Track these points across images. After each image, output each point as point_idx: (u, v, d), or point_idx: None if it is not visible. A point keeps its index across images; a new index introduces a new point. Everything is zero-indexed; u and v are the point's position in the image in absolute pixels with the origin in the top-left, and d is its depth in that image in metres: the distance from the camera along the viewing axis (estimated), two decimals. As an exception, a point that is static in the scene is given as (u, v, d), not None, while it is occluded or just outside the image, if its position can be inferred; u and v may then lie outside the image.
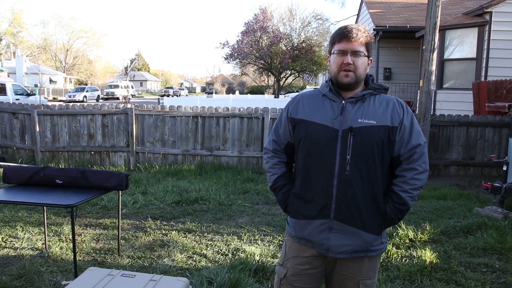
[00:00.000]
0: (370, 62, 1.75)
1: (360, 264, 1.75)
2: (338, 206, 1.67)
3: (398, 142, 1.71)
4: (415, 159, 1.70)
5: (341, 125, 1.67)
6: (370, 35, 1.74)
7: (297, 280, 1.81)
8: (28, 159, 7.73)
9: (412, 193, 1.71)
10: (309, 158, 1.74)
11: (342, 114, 1.69)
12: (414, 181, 1.70)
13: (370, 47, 1.73)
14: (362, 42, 1.69)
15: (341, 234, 1.69)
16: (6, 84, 17.10)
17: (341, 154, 1.66)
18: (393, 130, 1.69)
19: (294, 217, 1.82)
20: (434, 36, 6.84)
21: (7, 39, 46.27)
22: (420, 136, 1.73)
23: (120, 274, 2.20)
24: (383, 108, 1.70)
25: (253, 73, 41.43)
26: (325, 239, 1.71)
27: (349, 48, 1.67)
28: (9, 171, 3.41)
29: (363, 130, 1.65)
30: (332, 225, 1.70)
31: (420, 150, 1.71)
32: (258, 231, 4.40)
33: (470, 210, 5.22)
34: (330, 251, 1.71)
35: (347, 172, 1.65)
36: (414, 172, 1.70)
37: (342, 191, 1.66)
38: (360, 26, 1.73)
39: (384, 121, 1.68)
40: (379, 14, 13.08)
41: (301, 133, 1.76)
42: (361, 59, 1.69)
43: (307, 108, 1.77)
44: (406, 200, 1.70)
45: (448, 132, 7.37)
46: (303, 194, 1.76)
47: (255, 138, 7.49)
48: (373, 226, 1.70)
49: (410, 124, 1.72)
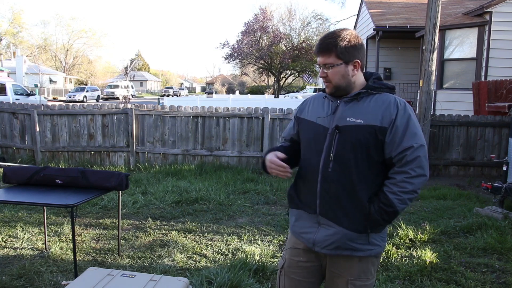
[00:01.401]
0: (357, 65, 1.69)
1: (349, 263, 1.74)
2: (322, 202, 1.73)
3: (389, 144, 1.65)
4: (408, 162, 1.63)
5: (331, 123, 1.72)
6: (348, 39, 1.67)
7: (294, 272, 1.85)
8: (28, 159, 7.73)
9: (401, 196, 1.62)
10: (303, 154, 1.85)
11: (334, 112, 1.73)
12: (404, 184, 1.63)
13: (347, 50, 1.66)
14: (331, 53, 1.66)
15: (326, 230, 1.73)
16: (6, 84, 17.11)
17: (326, 151, 1.71)
18: (382, 130, 1.64)
19: (292, 207, 1.90)
20: (434, 36, 6.84)
21: (7, 39, 46.29)
22: (414, 138, 1.64)
23: (120, 274, 2.20)
24: (377, 108, 1.67)
25: (253, 73, 41.47)
26: (313, 232, 1.76)
27: (321, 62, 1.72)
28: (9, 171, 3.41)
29: (348, 128, 1.67)
30: (320, 220, 1.75)
31: (413, 153, 1.62)
32: (258, 231, 4.40)
33: (470, 210, 5.22)
34: (316, 246, 1.75)
35: (330, 169, 1.69)
36: (405, 175, 1.63)
37: (324, 188, 1.71)
38: (335, 33, 1.69)
39: (373, 121, 1.65)
40: (379, 14, 13.08)
41: (301, 130, 1.88)
42: (333, 70, 1.68)
43: (311, 108, 1.86)
44: (393, 201, 1.63)
45: (448, 132, 7.37)
46: (298, 188, 1.86)
47: (255, 138, 7.49)
48: (355, 225, 1.68)
49: (405, 125, 1.64)
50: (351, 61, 1.69)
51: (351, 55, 1.68)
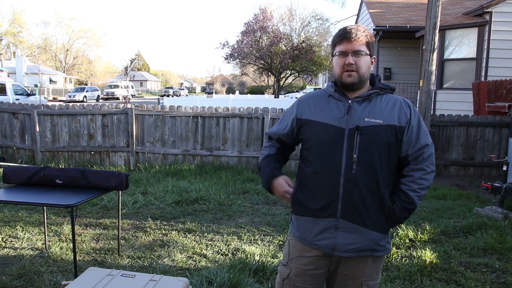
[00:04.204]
0: (373, 61, 1.75)
1: (364, 264, 1.74)
2: (345, 205, 1.67)
3: (406, 142, 1.71)
4: (424, 159, 1.71)
5: (348, 124, 1.68)
6: (371, 34, 1.75)
7: (300, 281, 1.80)
8: (28, 159, 7.73)
9: (420, 192, 1.70)
10: (315, 157, 1.74)
11: (348, 113, 1.70)
12: (422, 181, 1.71)
13: (372, 46, 1.73)
14: (363, 41, 1.69)
15: (348, 233, 1.69)
16: (6, 84, 17.09)
17: (347, 153, 1.66)
18: (401, 130, 1.69)
19: (300, 215, 1.80)
20: (434, 36, 6.85)
21: (8, 39, 46.28)
22: (427, 137, 1.73)
23: (120, 274, 2.20)
24: (390, 108, 1.71)
25: (253, 73, 41.45)
26: (331, 237, 1.71)
27: (350, 49, 1.68)
28: (9, 171, 3.41)
29: (370, 129, 1.66)
30: (339, 224, 1.69)
31: (428, 151, 1.72)
32: (258, 231, 4.40)
33: (470, 210, 5.22)
34: (336, 250, 1.71)
35: (354, 171, 1.65)
36: (422, 172, 1.71)
37: (348, 190, 1.66)
38: (360, 26, 1.74)
39: (391, 121, 1.68)
40: (379, 14, 13.08)
41: (307, 133, 1.77)
42: (363, 59, 1.69)
43: (313, 108, 1.78)
44: (414, 199, 1.70)
45: (448, 132, 7.38)
46: (311, 193, 1.75)
47: (255, 138, 7.49)
48: (380, 225, 1.70)
49: (418, 124, 1.72)
50: (372, 56, 1.74)
51: (372, 51, 1.74)
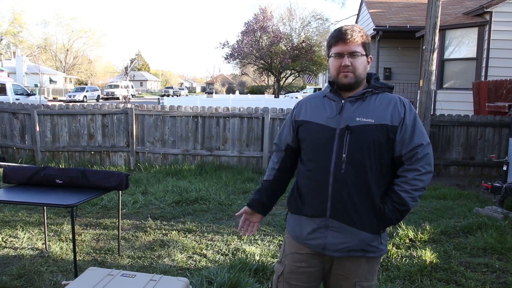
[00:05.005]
0: (370, 61, 1.75)
1: (357, 264, 1.73)
2: (334, 205, 1.67)
3: (399, 142, 1.67)
4: (418, 159, 1.67)
5: (339, 123, 1.68)
6: (367, 34, 1.74)
7: (293, 278, 1.80)
8: (28, 159, 7.73)
9: (413, 193, 1.67)
10: (309, 157, 1.76)
11: (340, 113, 1.69)
12: (415, 182, 1.67)
13: (368, 45, 1.72)
14: (358, 42, 1.68)
15: (338, 233, 1.69)
16: (6, 84, 17.09)
17: (337, 152, 1.66)
18: (393, 129, 1.66)
19: (294, 213, 1.83)
20: (434, 36, 6.84)
21: (8, 39, 46.28)
22: (423, 136, 1.68)
23: (120, 274, 2.20)
24: (384, 107, 1.69)
25: (253, 73, 41.41)
26: (322, 237, 1.71)
27: (346, 50, 1.67)
28: (9, 171, 3.41)
29: (360, 128, 1.65)
30: (329, 223, 1.69)
31: (423, 151, 1.67)
32: (258, 231, 4.40)
33: (470, 210, 5.22)
34: (327, 249, 1.71)
35: (343, 171, 1.65)
36: (416, 172, 1.67)
37: (337, 190, 1.66)
38: (356, 26, 1.73)
39: (383, 120, 1.66)
40: (379, 14, 13.08)
41: (303, 133, 1.79)
42: (359, 59, 1.68)
43: (309, 110, 1.79)
44: (406, 200, 1.66)
45: (448, 132, 7.38)
46: (303, 191, 1.78)
47: (255, 138, 7.49)
48: (370, 226, 1.68)
49: (413, 123, 1.68)
50: (368, 56, 1.73)
51: (368, 51, 1.73)
